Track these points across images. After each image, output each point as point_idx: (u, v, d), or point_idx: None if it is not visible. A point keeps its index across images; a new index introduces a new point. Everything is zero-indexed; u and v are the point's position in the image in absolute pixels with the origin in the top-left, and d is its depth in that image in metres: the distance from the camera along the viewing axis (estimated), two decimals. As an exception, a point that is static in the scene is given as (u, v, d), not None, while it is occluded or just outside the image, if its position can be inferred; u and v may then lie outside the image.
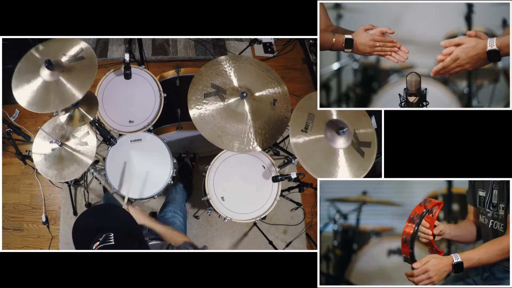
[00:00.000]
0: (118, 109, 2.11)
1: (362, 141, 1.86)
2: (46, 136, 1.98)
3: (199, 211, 2.72)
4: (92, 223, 1.39)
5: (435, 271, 1.30)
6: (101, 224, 1.36)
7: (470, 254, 1.32)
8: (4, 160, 2.72)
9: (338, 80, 1.88)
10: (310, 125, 1.79)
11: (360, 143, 1.85)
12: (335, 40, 1.48)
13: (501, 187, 1.42)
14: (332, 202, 2.38)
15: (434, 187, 2.27)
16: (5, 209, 2.63)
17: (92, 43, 3.27)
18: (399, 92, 1.56)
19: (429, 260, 1.32)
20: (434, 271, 1.30)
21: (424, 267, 1.31)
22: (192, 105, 1.97)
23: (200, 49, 3.44)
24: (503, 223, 1.40)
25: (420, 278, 1.31)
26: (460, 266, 1.30)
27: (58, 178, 1.95)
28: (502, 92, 1.75)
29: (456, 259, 1.31)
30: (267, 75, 2.13)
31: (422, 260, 1.33)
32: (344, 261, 2.30)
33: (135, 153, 2.14)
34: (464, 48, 1.28)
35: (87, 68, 1.72)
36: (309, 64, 3.51)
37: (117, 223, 1.43)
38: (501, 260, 1.37)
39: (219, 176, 2.12)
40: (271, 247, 2.60)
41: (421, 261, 1.33)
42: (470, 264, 1.31)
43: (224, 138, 1.97)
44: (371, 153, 1.88)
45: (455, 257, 1.31)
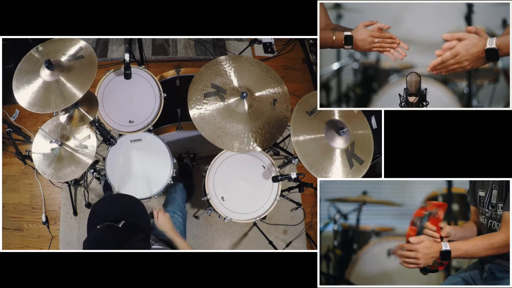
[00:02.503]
0: (118, 109, 2.11)
1: (356, 155, 1.87)
2: (46, 135, 1.98)
3: (199, 211, 2.72)
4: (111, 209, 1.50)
5: (423, 254, 1.32)
6: (118, 211, 1.47)
7: (459, 245, 1.34)
8: (4, 160, 2.72)
9: (338, 80, 1.89)
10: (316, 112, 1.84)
11: (353, 155, 1.85)
12: (335, 37, 1.49)
13: (501, 187, 1.42)
14: (332, 202, 2.38)
15: (434, 187, 2.27)
16: (5, 209, 2.63)
17: (92, 43, 3.27)
18: (399, 92, 1.56)
19: (424, 241, 1.34)
20: (422, 254, 1.32)
21: (415, 246, 1.33)
22: (192, 105, 1.97)
23: (200, 49, 3.44)
24: (500, 222, 1.40)
25: (408, 254, 1.33)
26: (447, 254, 1.32)
27: (55, 177, 1.95)
28: (502, 92, 1.75)
29: (444, 247, 1.32)
30: (267, 75, 2.13)
31: (419, 237, 1.35)
32: (344, 261, 2.30)
33: (135, 153, 2.14)
34: (465, 44, 1.28)
35: (87, 66, 1.72)
36: (309, 64, 3.51)
37: (132, 214, 1.48)
38: (494, 256, 1.38)
39: (219, 176, 2.12)
40: (271, 247, 2.60)
41: (419, 237, 1.35)
42: (458, 254, 1.33)
43: (224, 138, 1.97)
44: (359, 169, 1.87)
45: (444, 245, 1.33)
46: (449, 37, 1.30)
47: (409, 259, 1.33)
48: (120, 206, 1.54)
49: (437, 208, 1.42)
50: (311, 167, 1.76)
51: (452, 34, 1.30)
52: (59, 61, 1.73)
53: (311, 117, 1.84)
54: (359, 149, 1.88)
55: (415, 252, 1.32)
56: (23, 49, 1.81)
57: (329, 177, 1.78)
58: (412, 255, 1.33)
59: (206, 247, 2.67)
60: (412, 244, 1.34)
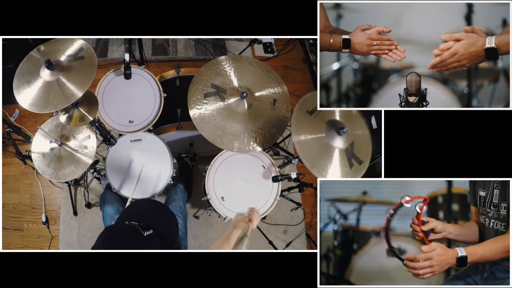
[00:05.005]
0: (118, 109, 2.11)
1: (356, 155, 1.86)
2: (46, 135, 1.98)
3: (199, 211, 2.72)
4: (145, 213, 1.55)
5: (438, 261, 1.28)
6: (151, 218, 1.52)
7: (474, 249, 1.31)
8: (4, 160, 2.71)
9: (338, 80, 1.88)
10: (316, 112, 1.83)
11: (353, 155, 1.85)
12: (332, 41, 1.49)
13: (503, 187, 1.42)
14: (332, 202, 2.38)
15: (434, 187, 2.27)
16: (5, 209, 2.63)
17: (92, 43, 3.27)
18: (399, 92, 1.56)
19: (436, 249, 1.29)
20: (437, 261, 1.28)
21: (428, 255, 1.28)
22: (192, 105, 1.97)
23: (200, 49, 3.44)
24: (504, 222, 1.39)
25: (422, 264, 1.28)
26: (464, 260, 1.28)
27: (55, 177, 1.95)
28: (502, 92, 1.75)
29: (460, 253, 1.29)
30: (267, 75, 2.13)
31: (430, 246, 1.30)
32: (344, 261, 2.30)
33: (135, 153, 2.14)
34: (463, 43, 1.28)
35: (87, 67, 1.72)
36: (309, 64, 3.50)
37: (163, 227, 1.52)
38: (503, 258, 1.37)
39: (219, 176, 2.12)
40: (271, 247, 2.59)
41: (430, 246, 1.30)
42: (474, 259, 1.30)
43: (224, 138, 1.97)
44: (358, 170, 1.86)
45: (459, 251, 1.29)
46: (448, 38, 1.30)
47: (425, 269, 1.28)
48: (156, 214, 1.59)
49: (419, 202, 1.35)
50: (312, 167, 1.76)
51: (451, 35, 1.31)
52: (59, 61, 1.73)
53: (311, 116, 1.84)
54: (358, 150, 1.88)
55: (430, 260, 1.28)
56: (23, 49, 1.81)
57: (329, 176, 1.78)
58: (426, 264, 1.28)
59: (206, 247, 2.66)
60: (424, 254, 1.29)
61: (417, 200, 1.34)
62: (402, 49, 1.47)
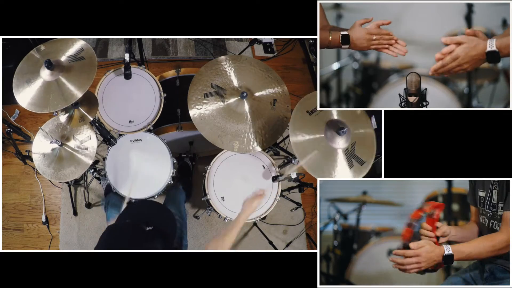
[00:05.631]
0: (118, 109, 2.11)
1: (357, 155, 1.86)
2: (46, 136, 1.98)
3: (199, 211, 2.72)
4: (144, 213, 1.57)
5: (425, 258, 1.31)
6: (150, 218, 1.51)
7: (461, 247, 1.34)
8: (4, 160, 2.72)
9: (338, 80, 1.88)
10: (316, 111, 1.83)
11: (353, 155, 1.85)
12: (331, 37, 1.48)
13: (501, 187, 1.42)
14: (332, 202, 2.38)
15: (434, 187, 2.27)
16: (5, 209, 2.63)
17: (92, 43, 3.27)
18: (399, 92, 1.56)
19: (424, 246, 1.33)
20: (425, 258, 1.31)
21: (417, 251, 1.32)
22: (192, 105, 1.97)
23: (200, 49, 3.44)
24: (501, 222, 1.40)
25: (410, 260, 1.32)
26: (450, 258, 1.32)
27: (55, 177, 1.95)
28: (502, 92, 1.75)
29: (447, 251, 1.32)
30: (267, 75, 2.13)
31: (419, 243, 1.34)
32: (344, 261, 2.30)
33: (135, 153, 2.14)
34: (464, 47, 1.28)
35: (87, 67, 1.72)
36: (309, 64, 3.50)
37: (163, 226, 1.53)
38: (492, 257, 1.38)
39: (219, 176, 2.12)
40: (271, 247, 2.60)
41: (418, 243, 1.34)
42: (460, 257, 1.32)
43: (224, 138, 1.97)
44: (359, 170, 1.86)
45: (446, 249, 1.32)
46: (448, 41, 1.30)
47: (412, 265, 1.32)
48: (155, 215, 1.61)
49: (435, 209, 1.42)
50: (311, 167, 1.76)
51: (451, 38, 1.30)
52: (59, 61, 1.73)
53: (311, 116, 1.84)
54: (360, 150, 1.88)
55: (417, 257, 1.31)
56: (23, 49, 1.81)
57: (327, 177, 1.78)
58: (414, 261, 1.32)
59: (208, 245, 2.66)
60: (413, 250, 1.32)
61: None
62: (403, 43, 1.46)
